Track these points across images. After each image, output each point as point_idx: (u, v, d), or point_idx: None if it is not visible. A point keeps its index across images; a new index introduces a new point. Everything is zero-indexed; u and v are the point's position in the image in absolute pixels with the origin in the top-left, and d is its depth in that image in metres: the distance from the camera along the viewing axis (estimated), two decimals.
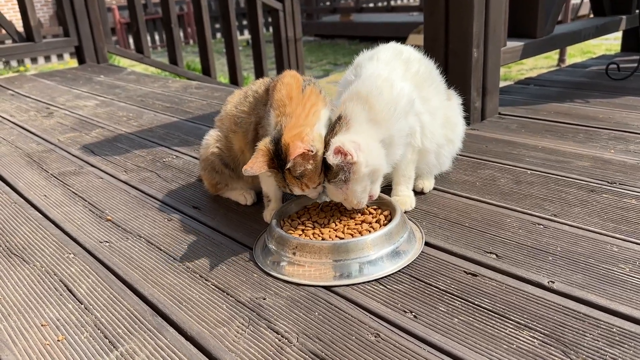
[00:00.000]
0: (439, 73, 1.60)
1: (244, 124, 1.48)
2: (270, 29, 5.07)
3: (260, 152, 1.25)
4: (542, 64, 7.34)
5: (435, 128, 1.49)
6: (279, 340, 1.02)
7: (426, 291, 1.15)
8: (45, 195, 1.82)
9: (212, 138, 1.60)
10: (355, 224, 1.36)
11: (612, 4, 3.19)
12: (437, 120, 1.50)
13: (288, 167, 1.22)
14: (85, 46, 4.63)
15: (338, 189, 1.30)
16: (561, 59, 7.20)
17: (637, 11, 3.09)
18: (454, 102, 1.63)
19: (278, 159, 1.24)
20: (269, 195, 1.49)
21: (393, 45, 1.53)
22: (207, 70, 4.71)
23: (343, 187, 1.29)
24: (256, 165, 1.23)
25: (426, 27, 2.23)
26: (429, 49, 2.24)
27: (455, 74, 2.17)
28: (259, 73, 4.96)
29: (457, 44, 2.15)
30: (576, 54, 7.80)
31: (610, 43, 7.89)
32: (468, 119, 2.16)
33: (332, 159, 1.23)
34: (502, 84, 2.42)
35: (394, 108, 1.34)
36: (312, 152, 1.24)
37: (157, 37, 11.79)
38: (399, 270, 1.23)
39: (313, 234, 1.32)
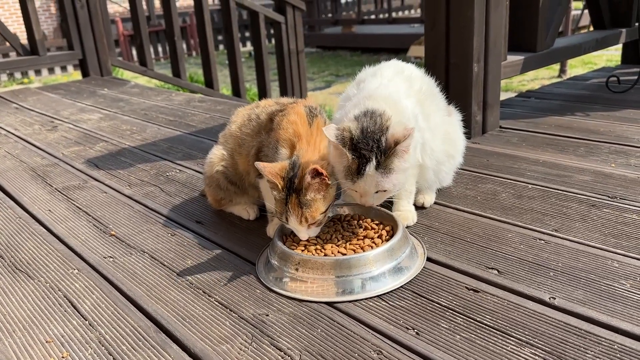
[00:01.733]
0: (440, 90, 1.62)
1: (246, 146, 1.50)
2: (273, 41, 5.11)
3: (280, 164, 1.27)
4: (543, 74, 7.38)
5: (435, 145, 1.50)
6: (282, 358, 1.03)
7: (428, 307, 1.15)
8: (49, 210, 1.83)
9: (216, 156, 1.61)
10: (358, 240, 1.37)
11: (611, 17, 3.21)
12: (437, 137, 1.52)
13: (307, 181, 1.22)
14: (89, 59, 4.68)
15: (384, 177, 1.26)
16: (562, 70, 7.24)
17: (637, 24, 3.11)
18: (454, 118, 1.65)
19: (290, 182, 1.25)
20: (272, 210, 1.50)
21: (395, 63, 1.55)
22: (210, 82, 4.76)
23: (391, 175, 1.27)
24: (269, 169, 1.25)
25: (427, 42, 2.26)
26: (429, 63, 2.27)
27: (456, 87, 2.19)
28: (262, 85, 5.01)
29: (457, 58, 2.17)
30: (577, 64, 7.84)
31: (611, 53, 7.93)
32: (469, 133, 2.18)
33: (403, 140, 1.23)
34: (503, 94, 2.44)
35: (407, 114, 1.37)
36: (327, 181, 1.25)
37: (160, 49, 11.87)
38: (401, 286, 1.24)
39: (315, 249, 1.33)
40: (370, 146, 1.25)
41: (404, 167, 1.28)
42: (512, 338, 1.03)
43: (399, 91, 1.41)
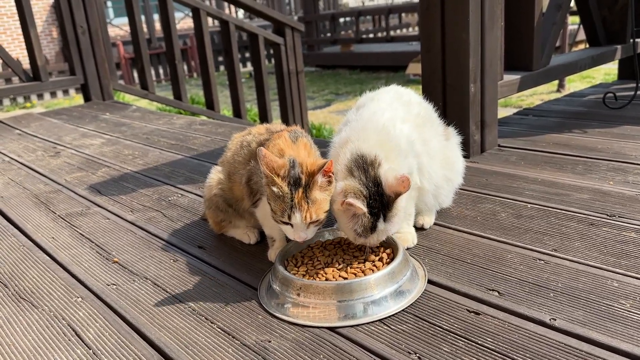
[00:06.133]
0: (437, 112, 1.64)
1: (239, 174, 1.53)
2: (273, 60, 5.17)
3: (280, 161, 1.27)
4: (542, 89, 7.43)
5: (433, 170, 1.52)
6: None
7: (430, 331, 1.16)
8: (53, 238, 1.85)
9: (214, 180, 1.64)
10: (358, 263, 1.38)
11: (606, 34, 3.25)
12: (436, 162, 1.54)
13: (318, 177, 1.25)
14: (91, 84, 4.73)
15: (389, 225, 1.31)
16: (561, 84, 7.29)
17: (632, 40, 3.14)
18: (453, 141, 1.66)
19: (295, 178, 1.26)
20: (273, 235, 1.52)
21: (394, 88, 1.58)
22: (211, 104, 4.80)
23: (394, 219, 1.30)
24: (274, 160, 1.26)
25: (424, 64, 2.29)
26: (427, 85, 2.30)
27: (454, 108, 2.22)
28: (262, 105, 5.05)
29: (454, 80, 2.19)
30: (576, 78, 7.90)
31: (609, 67, 7.98)
32: (468, 153, 2.20)
33: (404, 192, 1.26)
34: (502, 110, 2.46)
35: (399, 147, 1.38)
36: (332, 176, 1.28)
37: (161, 71, 11.99)
38: (403, 310, 1.24)
39: (317, 273, 1.34)
40: (378, 203, 1.28)
41: (402, 205, 1.31)
42: None
43: (395, 117, 1.44)
